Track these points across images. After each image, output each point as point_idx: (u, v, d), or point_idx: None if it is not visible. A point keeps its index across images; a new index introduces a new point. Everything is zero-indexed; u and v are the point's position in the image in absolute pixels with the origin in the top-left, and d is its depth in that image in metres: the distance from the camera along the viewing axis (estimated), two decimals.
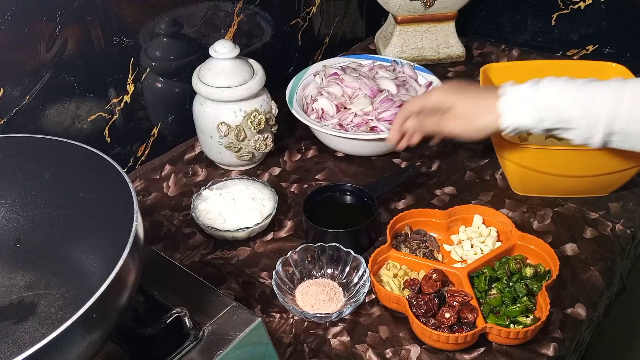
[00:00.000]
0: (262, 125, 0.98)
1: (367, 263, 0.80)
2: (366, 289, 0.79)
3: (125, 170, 0.66)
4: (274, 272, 0.80)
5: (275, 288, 0.78)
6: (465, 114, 0.77)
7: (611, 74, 1.06)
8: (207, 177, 1.04)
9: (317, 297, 0.80)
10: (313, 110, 1.07)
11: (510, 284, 0.78)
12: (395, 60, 1.17)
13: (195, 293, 0.68)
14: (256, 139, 1.00)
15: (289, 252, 0.83)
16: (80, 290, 0.65)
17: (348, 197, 0.93)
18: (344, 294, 0.81)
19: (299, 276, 0.83)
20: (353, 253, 0.82)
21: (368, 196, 0.91)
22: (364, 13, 1.43)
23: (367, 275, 0.80)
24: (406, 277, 0.81)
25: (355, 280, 0.81)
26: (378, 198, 0.91)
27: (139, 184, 1.02)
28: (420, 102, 0.85)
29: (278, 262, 0.81)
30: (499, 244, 0.86)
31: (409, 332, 0.77)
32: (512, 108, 0.74)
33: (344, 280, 0.83)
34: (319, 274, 0.84)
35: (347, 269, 0.82)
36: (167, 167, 1.06)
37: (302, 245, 0.83)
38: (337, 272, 0.83)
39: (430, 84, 1.10)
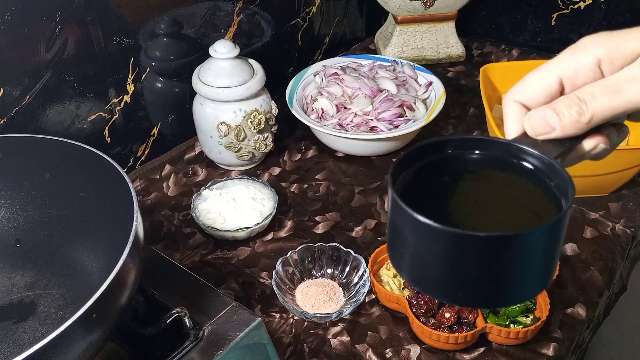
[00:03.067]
0: (262, 125, 0.98)
1: (367, 263, 0.80)
2: (366, 289, 0.79)
3: (125, 170, 0.66)
4: (274, 272, 0.80)
5: (275, 288, 0.78)
6: None
7: None
8: (207, 177, 1.04)
9: (317, 297, 0.80)
10: (313, 110, 1.07)
11: None
12: (395, 60, 1.17)
13: (195, 293, 0.68)
14: (256, 139, 1.00)
15: (289, 252, 0.83)
16: (80, 290, 0.65)
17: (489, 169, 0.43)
18: (344, 293, 0.81)
19: (299, 276, 0.83)
20: (353, 253, 0.82)
21: (546, 166, 0.41)
22: (364, 13, 1.43)
23: (367, 275, 0.80)
24: None
25: (355, 280, 0.81)
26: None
27: (139, 184, 1.02)
28: (556, 69, 0.43)
29: (278, 262, 0.81)
30: None
31: (409, 332, 0.77)
32: None
33: (344, 280, 0.83)
34: (319, 273, 0.84)
35: (347, 268, 0.82)
36: (167, 167, 1.06)
37: (302, 245, 0.83)
38: (337, 272, 0.83)
39: (431, 84, 1.10)
